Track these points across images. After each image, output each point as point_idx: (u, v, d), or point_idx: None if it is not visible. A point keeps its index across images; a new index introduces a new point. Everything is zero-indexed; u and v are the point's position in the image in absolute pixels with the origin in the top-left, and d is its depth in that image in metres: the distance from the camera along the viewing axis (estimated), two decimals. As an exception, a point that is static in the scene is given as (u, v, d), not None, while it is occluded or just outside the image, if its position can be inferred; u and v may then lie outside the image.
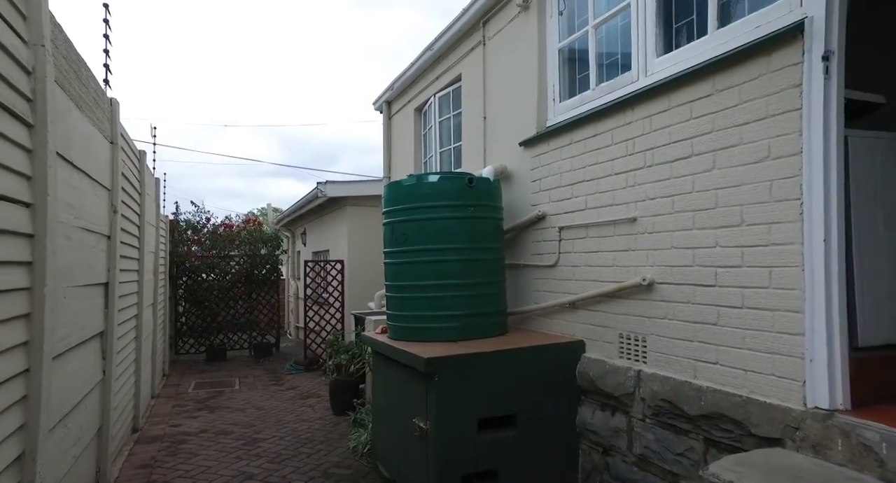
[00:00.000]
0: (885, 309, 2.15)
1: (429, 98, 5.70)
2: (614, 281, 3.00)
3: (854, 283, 2.09)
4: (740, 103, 2.31)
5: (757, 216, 2.23)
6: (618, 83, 3.16)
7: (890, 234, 2.20)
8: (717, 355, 2.39)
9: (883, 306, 2.14)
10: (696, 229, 2.51)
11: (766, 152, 2.19)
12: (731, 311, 2.32)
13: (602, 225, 3.12)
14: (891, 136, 2.21)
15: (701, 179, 2.49)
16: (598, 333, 3.14)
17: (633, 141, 2.90)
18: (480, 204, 3.52)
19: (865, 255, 2.12)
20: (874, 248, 2.15)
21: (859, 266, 2.10)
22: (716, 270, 2.41)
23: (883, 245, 2.18)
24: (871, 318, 2.11)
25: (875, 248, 2.15)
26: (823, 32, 1.99)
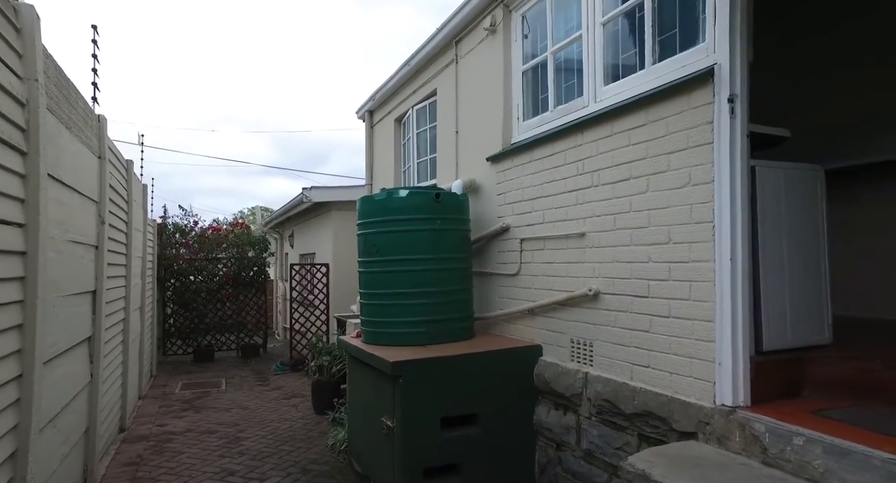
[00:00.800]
0: (787, 318, 2.42)
1: (407, 110, 5.94)
2: (566, 290, 3.27)
3: (760, 294, 2.36)
4: (668, 134, 2.57)
5: (681, 235, 2.49)
6: (572, 107, 3.42)
7: (792, 251, 2.48)
8: (649, 359, 2.66)
9: (785, 315, 2.42)
10: (634, 245, 2.78)
11: (688, 179, 2.46)
12: (661, 319, 2.59)
13: (557, 238, 3.38)
14: (791, 165, 2.49)
15: (637, 200, 2.75)
16: (554, 338, 3.41)
17: (583, 162, 3.16)
18: (447, 217, 3.77)
19: (771, 269, 2.40)
20: (778, 264, 2.42)
21: (765, 279, 2.38)
22: (648, 283, 2.67)
23: (786, 260, 2.46)
24: (774, 326, 2.38)
25: (779, 264, 2.43)
26: (729, 78, 2.26)
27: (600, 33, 3.19)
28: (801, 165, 2.55)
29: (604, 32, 3.18)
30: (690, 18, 2.64)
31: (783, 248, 2.45)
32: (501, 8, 4.05)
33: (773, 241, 2.42)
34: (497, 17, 4.10)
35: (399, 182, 6.33)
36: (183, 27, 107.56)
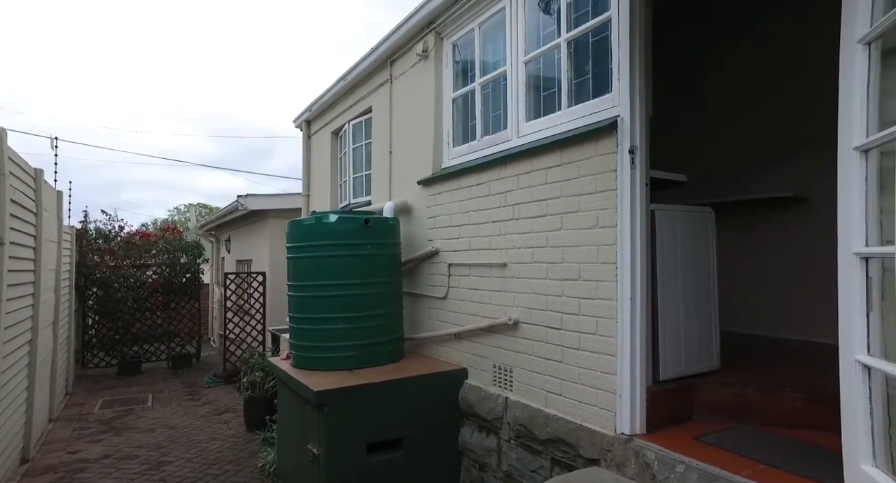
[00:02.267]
0: (681, 348, 2.65)
1: (344, 124, 5.90)
2: (490, 317, 3.39)
3: (658, 328, 2.57)
4: (579, 177, 2.74)
5: (590, 273, 2.66)
6: (498, 139, 3.54)
7: (687, 287, 2.71)
8: (561, 388, 2.82)
9: (680, 346, 2.65)
10: (549, 279, 2.93)
11: (595, 221, 2.63)
12: (572, 351, 2.76)
13: (481, 266, 3.50)
14: (686, 208, 2.72)
15: (553, 236, 2.91)
16: (478, 363, 3.53)
17: (505, 195, 3.29)
18: (377, 242, 3.81)
19: (668, 305, 2.61)
20: (674, 300, 2.64)
21: (663, 315, 2.59)
22: (562, 316, 2.83)
23: (681, 296, 2.68)
24: (670, 356, 2.60)
25: (675, 299, 2.65)
26: (629, 131, 2.45)
27: (523, 71, 3.33)
28: (695, 208, 2.79)
29: (526, 70, 3.33)
30: (602, 67, 2.81)
31: (679, 284, 2.67)
32: (433, 35, 4.13)
33: (670, 279, 2.63)
34: (429, 43, 4.17)
35: (335, 196, 6.29)
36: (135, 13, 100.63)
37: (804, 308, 3.79)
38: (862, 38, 1.54)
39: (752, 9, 4.18)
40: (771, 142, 4.03)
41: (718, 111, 4.42)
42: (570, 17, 3.00)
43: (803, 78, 3.81)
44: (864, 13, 1.54)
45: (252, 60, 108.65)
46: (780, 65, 4.01)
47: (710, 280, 2.82)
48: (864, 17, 1.55)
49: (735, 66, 4.35)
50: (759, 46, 4.16)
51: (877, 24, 1.49)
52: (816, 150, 3.74)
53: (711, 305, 2.82)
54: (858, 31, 1.56)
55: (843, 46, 1.60)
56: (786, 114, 3.94)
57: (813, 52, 3.75)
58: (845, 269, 1.58)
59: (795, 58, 3.88)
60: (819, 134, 3.72)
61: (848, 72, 1.58)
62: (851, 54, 1.58)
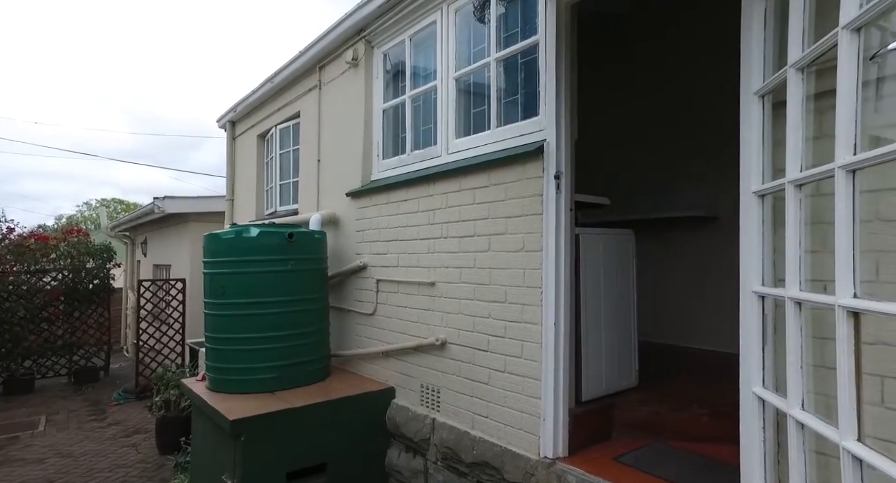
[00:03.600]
0: (602, 369, 2.72)
1: (271, 128, 5.63)
2: (418, 336, 3.33)
3: (581, 351, 2.61)
4: (507, 199, 2.74)
5: (516, 297, 2.67)
6: (427, 154, 3.49)
7: (608, 308, 2.79)
8: (488, 410, 2.81)
9: (601, 367, 2.72)
10: (477, 300, 2.91)
11: (522, 245, 2.64)
12: (498, 374, 2.75)
13: (410, 284, 3.43)
14: (608, 231, 2.80)
15: (481, 258, 2.89)
16: (406, 382, 3.46)
17: (434, 212, 3.24)
18: (301, 257, 3.64)
19: (591, 328, 2.67)
20: (596, 322, 2.71)
21: (586, 337, 2.64)
22: (489, 338, 2.82)
23: (603, 318, 2.75)
24: (592, 377, 2.66)
25: (597, 321, 2.71)
26: (555, 156, 2.47)
27: (453, 86, 3.30)
28: (617, 231, 2.87)
29: (456, 86, 3.30)
30: (531, 89, 2.83)
31: (601, 306, 2.73)
32: (363, 43, 4.01)
33: (593, 302, 2.69)
34: (359, 51, 4.05)
35: (262, 202, 5.99)
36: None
37: (712, 319, 4.04)
38: (758, 90, 1.62)
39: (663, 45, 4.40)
40: (684, 164, 4.27)
41: (638, 134, 4.62)
42: (500, 36, 3.00)
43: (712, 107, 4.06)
44: (758, 68, 1.63)
45: (190, 45, 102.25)
46: (691, 95, 4.25)
47: (631, 300, 2.92)
48: (757, 71, 1.63)
49: (652, 96, 4.57)
50: (670, 76, 4.39)
51: (769, 80, 1.57)
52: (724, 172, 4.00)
53: (631, 325, 2.91)
54: (754, 83, 1.64)
55: (742, 97, 1.68)
56: (697, 138, 4.18)
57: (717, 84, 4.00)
58: (745, 306, 1.66)
59: (705, 89, 4.12)
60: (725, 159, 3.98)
61: (746, 120, 1.66)
62: (749, 104, 1.66)
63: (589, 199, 2.71)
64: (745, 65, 1.67)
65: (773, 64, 1.60)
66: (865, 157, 1.10)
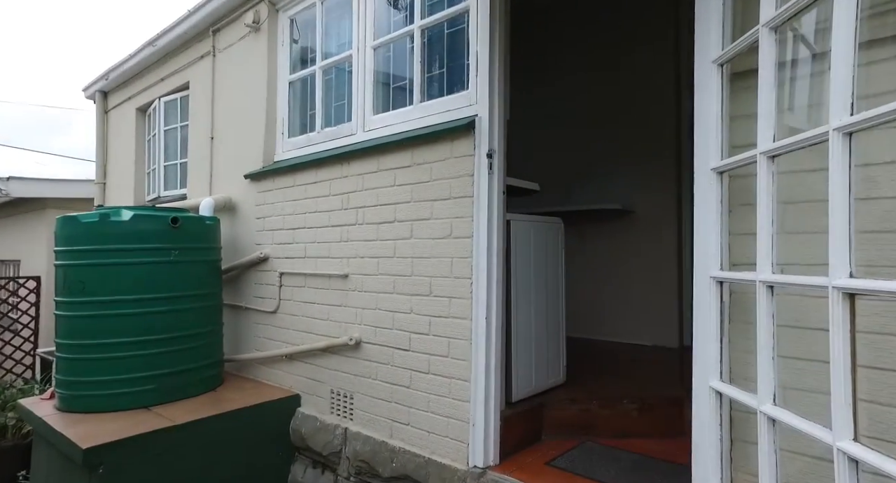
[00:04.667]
0: (532, 366, 2.54)
1: (154, 100, 4.87)
2: (328, 336, 2.95)
3: (511, 347, 2.41)
4: (432, 180, 2.46)
5: (442, 289, 2.40)
6: (340, 132, 3.11)
7: (539, 302, 2.61)
8: (409, 417, 2.51)
9: (531, 364, 2.54)
10: (397, 294, 2.60)
11: (449, 231, 2.37)
12: (421, 375, 2.47)
13: (319, 277, 3.03)
14: (539, 218, 2.63)
15: (401, 246, 2.59)
16: (313, 388, 3.06)
17: (348, 196, 2.88)
18: (188, 246, 3.09)
19: (521, 322, 2.48)
20: (527, 316, 2.52)
21: (516, 333, 2.44)
22: (410, 335, 2.53)
23: (533, 312, 2.57)
24: (522, 376, 2.47)
25: (528, 316, 2.53)
26: (488, 133, 2.24)
27: (371, 57, 2.96)
28: (547, 218, 2.71)
29: (374, 57, 2.96)
30: (458, 61, 2.58)
31: (531, 299, 2.55)
32: (267, 4, 3.52)
33: (524, 294, 2.50)
34: (261, 13, 3.55)
35: (142, 187, 5.19)
36: None
37: (626, 312, 4.07)
38: (716, 58, 1.49)
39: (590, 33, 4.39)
40: (601, 157, 4.27)
41: (554, 125, 4.57)
42: (425, 3, 2.72)
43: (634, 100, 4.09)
44: (717, 34, 1.50)
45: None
46: (610, 87, 4.26)
47: (560, 293, 2.78)
48: (716, 37, 1.50)
49: (569, 84, 4.54)
50: (594, 68, 4.38)
51: (729, 47, 1.45)
52: (640, 166, 4.04)
53: (560, 319, 2.77)
54: (713, 51, 1.51)
55: (697, 67, 1.54)
56: (613, 131, 4.20)
57: (643, 78, 4.05)
58: (701, 293, 1.52)
59: (625, 81, 4.15)
60: (642, 152, 4.03)
61: (703, 91, 1.53)
62: (706, 74, 1.52)
63: (519, 183, 2.51)
64: (702, 31, 1.53)
65: (733, 30, 1.47)
66: (866, 116, 0.95)
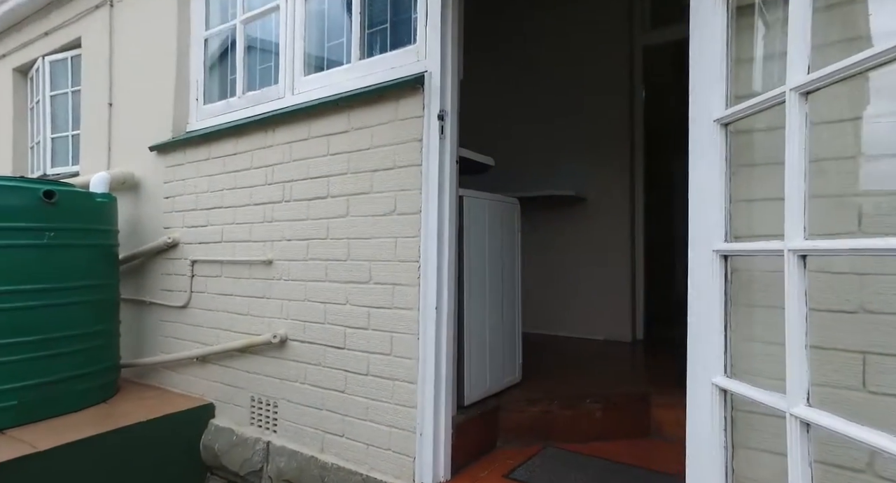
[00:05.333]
0: (486, 364, 2.24)
1: (37, 59, 4.13)
2: (248, 333, 2.51)
3: (464, 342, 2.09)
4: (372, 147, 2.09)
5: (384, 275, 2.04)
6: (265, 96, 2.67)
7: (494, 291, 2.32)
8: (343, 427, 2.13)
9: (485, 362, 2.24)
10: (329, 282, 2.21)
11: (393, 206, 2.02)
12: (358, 377, 2.10)
13: (238, 264, 2.58)
14: (495, 196, 2.33)
15: (336, 225, 2.20)
16: (230, 395, 2.60)
17: (273, 169, 2.45)
18: (70, 227, 2.53)
19: (475, 313, 2.17)
20: (481, 306, 2.22)
21: (469, 326, 2.13)
22: (345, 331, 2.15)
23: (488, 302, 2.27)
24: (476, 375, 2.16)
25: (482, 306, 2.22)
26: (440, 90, 1.91)
27: (302, 9, 2.54)
28: (503, 198, 2.42)
29: (306, 9, 2.54)
30: (403, 13, 2.22)
31: (486, 287, 2.25)
32: (176, -56, 2.99)
33: (478, 282, 2.19)
34: (170, -45, 3.02)
35: (24, 163, 4.41)
36: None
37: (581, 306, 3.89)
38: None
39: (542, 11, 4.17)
40: (552, 140, 4.06)
41: (504, 109, 4.32)
42: (366, -55, 2.34)
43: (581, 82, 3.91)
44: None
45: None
46: (561, 69, 4.06)
47: (516, 281, 2.49)
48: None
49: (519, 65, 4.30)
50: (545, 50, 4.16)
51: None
52: (592, 151, 3.87)
53: (516, 311, 2.49)
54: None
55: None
56: (563, 115, 4.00)
57: (589, 61, 3.87)
58: (699, 272, 1.27)
59: (575, 63, 3.96)
60: (595, 137, 3.86)
61: (703, 27, 1.27)
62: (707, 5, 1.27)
63: (472, 155, 2.19)
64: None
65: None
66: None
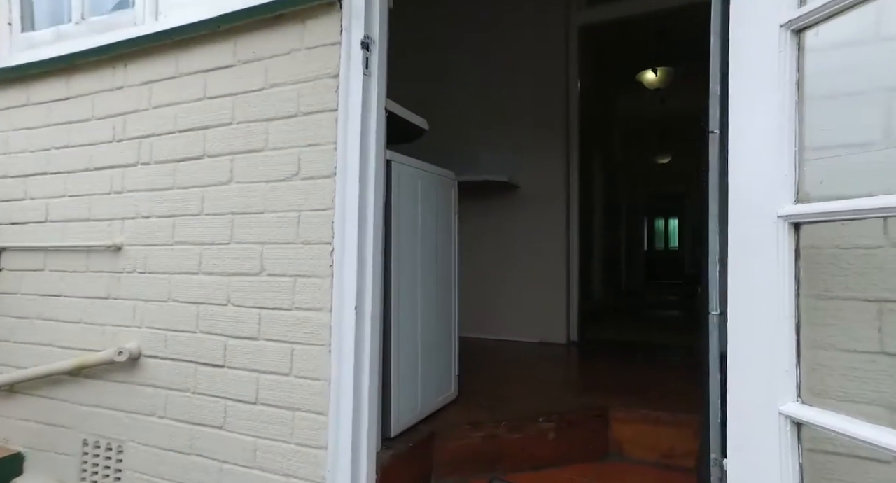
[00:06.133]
0: (418, 380, 1.74)
1: None
2: (81, 349, 1.78)
3: (391, 355, 1.57)
4: (268, 87, 1.51)
5: (282, 264, 1.47)
6: (115, 22, 1.94)
7: (427, 284, 1.83)
8: (220, 479, 1.51)
9: (416, 377, 1.73)
10: (205, 274, 1.59)
11: (296, 168, 1.46)
12: (243, 408, 1.49)
13: (71, 252, 1.84)
14: (430, 166, 1.84)
15: (215, 196, 1.58)
16: (51, 439, 1.84)
17: (124, 119, 1.76)
18: None
19: (405, 315, 1.66)
20: (412, 306, 1.71)
21: (398, 330, 1.61)
22: (226, 342, 1.54)
23: (420, 298, 1.78)
24: (405, 397, 1.65)
25: (413, 306, 1.72)
26: (364, 10, 1.38)
27: None
28: (439, 169, 1.94)
29: None
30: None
31: (418, 282, 1.75)
32: None
33: (409, 274, 1.68)
34: None
35: None
36: None
37: (514, 305, 3.51)
38: None
39: None
40: (483, 120, 3.67)
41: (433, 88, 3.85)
42: None
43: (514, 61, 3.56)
44: None
45: None
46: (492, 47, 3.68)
47: (452, 274, 2.02)
48: None
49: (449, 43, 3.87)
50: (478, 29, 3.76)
51: None
52: (526, 134, 3.53)
53: (452, 311, 2.01)
54: None
55: None
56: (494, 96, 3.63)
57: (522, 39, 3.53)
58: (751, 250, 0.88)
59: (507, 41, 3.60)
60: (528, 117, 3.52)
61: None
62: None
63: (402, 112, 1.68)
64: None
65: None
66: None
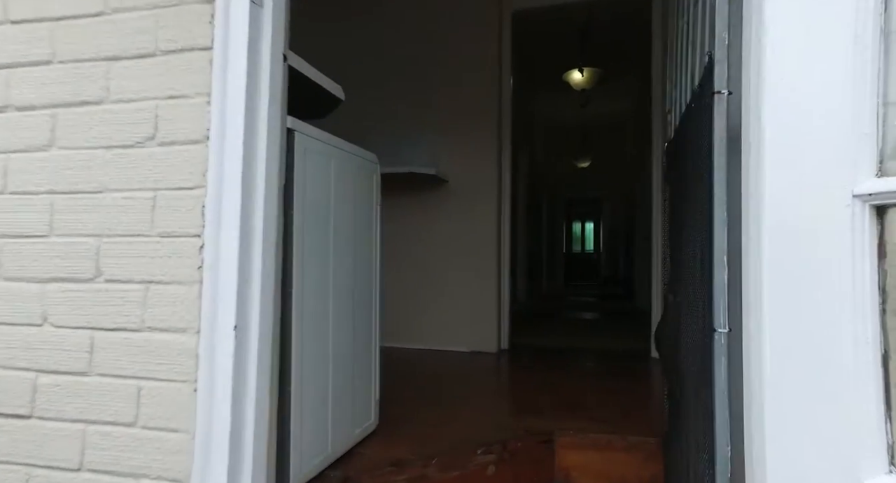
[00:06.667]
0: (328, 407, 1.35)
1: None
2: None
3: (290, 385, 1.18)
4: (108, 11, 1.06)
5: (127, 265, 1.02)
6: None
7: (339, 288, 1.45)
8: None
9: (326, 403, 1.34)
10: (6, 280, 1.09)
11: (152, 128, 1.02)
12: (58, 477, 1.02)
13: None
14: (342, 142, 1.46)
15: (24, 166, 1.09)
16: None
17: None
18: None
19: (309, 329, 1.27)
20: (319, 318, 1.32)
21: (300, 351, 1.22)
22: (37, 380, 1.05)
23: (332, 309, 1.39)
24: (309, 436, 1.26)
25: (321, 317, 1.33)
26: None
27: None
28: (360, 150, 1.56)
29: None
30: None
31: (329, 289, 1.36)
32: None
33: (316, 278, 1.29)
34: None
35: None
36: None
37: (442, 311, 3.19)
38: None
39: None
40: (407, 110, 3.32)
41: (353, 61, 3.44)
42: None
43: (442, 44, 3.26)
44: None
45: None
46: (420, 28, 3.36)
47: (373, 277, 1.64)
48: None
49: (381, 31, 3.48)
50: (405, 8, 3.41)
51: None
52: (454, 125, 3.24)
53: (373, 323, 1.64)
54: None
55: None
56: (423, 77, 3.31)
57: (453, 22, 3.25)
58: (810, 239, 0.63)
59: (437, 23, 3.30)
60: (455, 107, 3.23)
61: None
62: None
63: (311, 72, 1.29)
64: None
65: None
66: None
